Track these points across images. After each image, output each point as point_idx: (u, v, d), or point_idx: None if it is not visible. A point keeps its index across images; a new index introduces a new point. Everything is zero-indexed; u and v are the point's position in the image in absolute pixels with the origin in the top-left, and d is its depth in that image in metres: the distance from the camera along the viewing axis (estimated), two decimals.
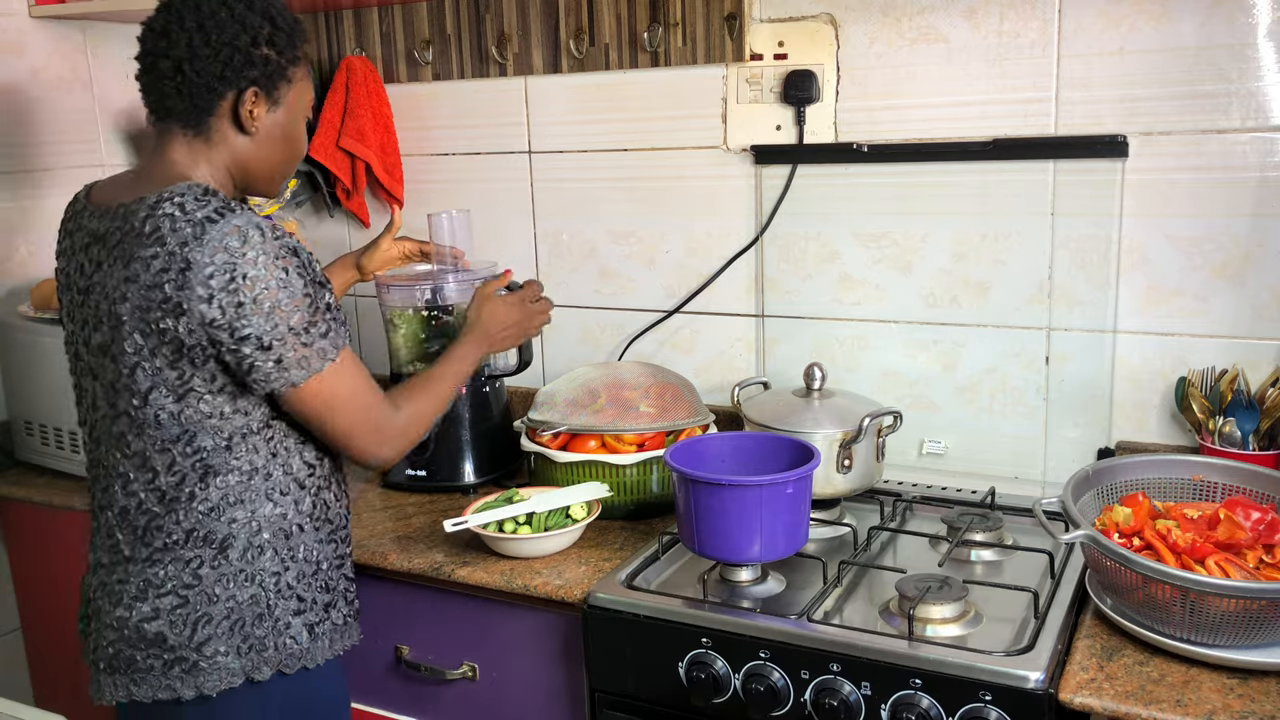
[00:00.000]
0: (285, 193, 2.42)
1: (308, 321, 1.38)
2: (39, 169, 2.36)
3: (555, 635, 1.70)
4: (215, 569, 1.44)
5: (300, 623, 1.49)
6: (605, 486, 1.83)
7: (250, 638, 1.45)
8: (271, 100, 1.47)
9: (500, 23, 2.24)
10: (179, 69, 1.41)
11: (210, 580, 1.44)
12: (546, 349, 2.36)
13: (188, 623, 1.43)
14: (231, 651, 1.44)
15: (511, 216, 2.33)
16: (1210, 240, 1.76)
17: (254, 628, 1.45)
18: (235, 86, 1.43)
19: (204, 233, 1.34)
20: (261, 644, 1.46)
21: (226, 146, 1.47)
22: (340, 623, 1.55)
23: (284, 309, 1.36)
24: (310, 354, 1.39)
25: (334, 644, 1.54)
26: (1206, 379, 1.77)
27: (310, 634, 1.50)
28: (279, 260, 1.36)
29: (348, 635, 1.57)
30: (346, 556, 1.59)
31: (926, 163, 1.92)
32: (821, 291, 2.05)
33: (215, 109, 1.44)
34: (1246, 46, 1.69)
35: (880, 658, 1.41)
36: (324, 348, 1.40)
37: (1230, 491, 1.58)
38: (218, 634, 1.44)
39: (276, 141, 1.50)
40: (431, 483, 2.07)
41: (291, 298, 1.37)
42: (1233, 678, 1.33)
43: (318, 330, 1.40)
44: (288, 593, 1.48)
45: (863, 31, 1.93)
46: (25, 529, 2.26)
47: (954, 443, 2.00)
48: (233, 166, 1.49)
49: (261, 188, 1.55)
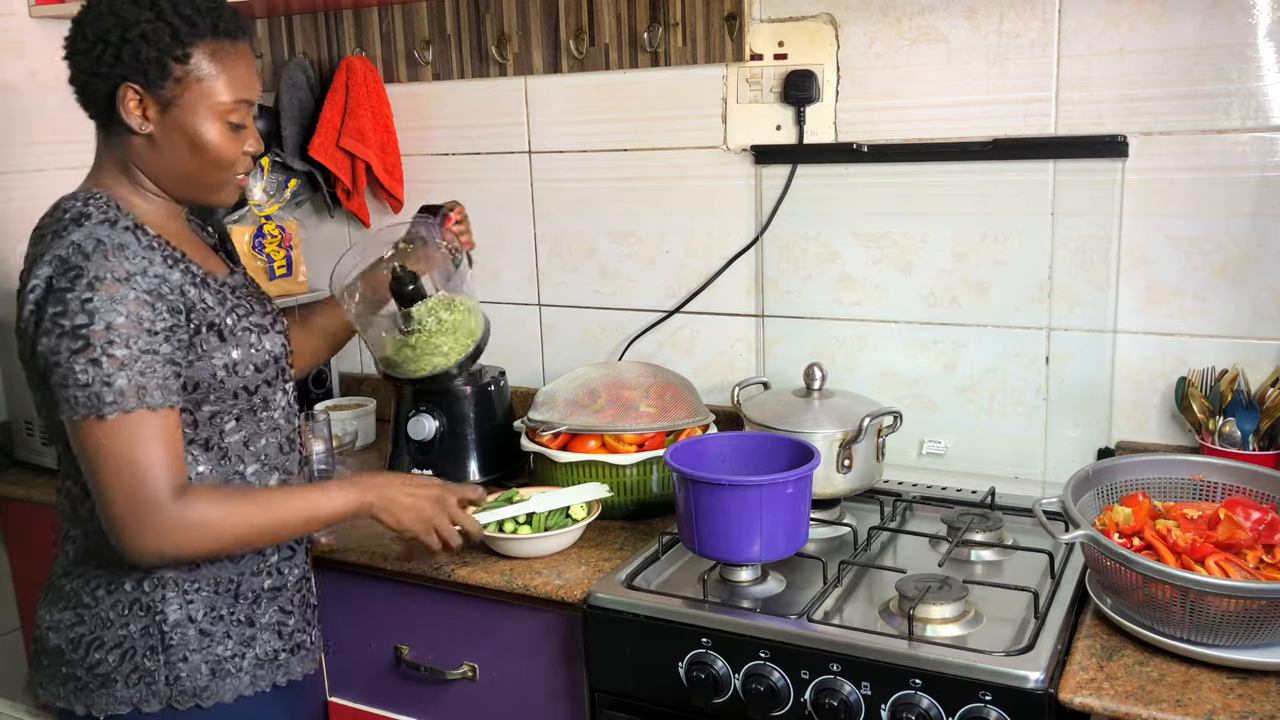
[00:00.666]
0: (285, 193, 2.42)
1: (93, 357, 1.25)
2: (39, 169, 2.36)
3: (555, 635, 1.70)
4: (111, 594, 1.39)
5: (200, 659, 1.40)
6: (605, 487, 1.83)
7: (140, 669, 1.38)
8: (160, 100, 1.35)
9: (500, 23, 2.24)
10: (70, 65, 1.37)
11: (105, 604, 1.39)
12: (546, 349, 2.36)
13: (81, 643, 1.39)
14: (121, 679, 1.38)
15: (511, 216, 2.32)
16: (1210, 240, 1.76)
17: (144, 659, 1.38)
18: (109, 83, 1.34)
19: (48, 248, 1.31)
20: (151, 676, 1.38)
21: (126, 148, 1.39)
22: (268, 657, 1.46)
23: (74, 335, 1.25)
24: (84, 395, 1.26)
25: (257, 680, 1.45)
26: (1206, 379, 1.77)
27: (213, 672, 1.41)
28: (99, 286, 1.26)
29: (281, 670, 1.48)
30: (287, 588, 1.51)
31: (926, 163, 1.92)
32: (821, 291, 2.05)
33: (103, 107, 1.36)
34: (1246, 46, 1.69)
35: (880, 658, 1.41)
36: (100, 394, 1.25)
37: (1230, 491, 1.58)
38: (109, 660, 1.38)
39: (178, 146, 1.37)
40: None
41: (91, 327, 1.25)
42: (1233, 678, 1.33)
43: (101, 373, 1.25)
44: (188, 626, 1.39)
45: (863, 31, 1.93)
46: (25, 529, 2.27)
47: (954, 443, 2.00)
48: (140, 169, 1.40)
49: (185, 194, 1.43)
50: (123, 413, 1.26)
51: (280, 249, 2.46)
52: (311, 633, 1.57)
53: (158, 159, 1.39)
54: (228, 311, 1.41)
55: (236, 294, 1.46)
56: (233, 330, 1.40)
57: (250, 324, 1.44)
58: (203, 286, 1.39)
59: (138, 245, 1.33)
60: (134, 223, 1.36)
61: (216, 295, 1.41)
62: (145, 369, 1.28)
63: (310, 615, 1.58)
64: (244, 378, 1.42)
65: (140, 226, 1.36)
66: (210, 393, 1.39)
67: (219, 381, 1.39)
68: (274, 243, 2.45)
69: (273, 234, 2.44)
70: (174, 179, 1.40)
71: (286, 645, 1.50)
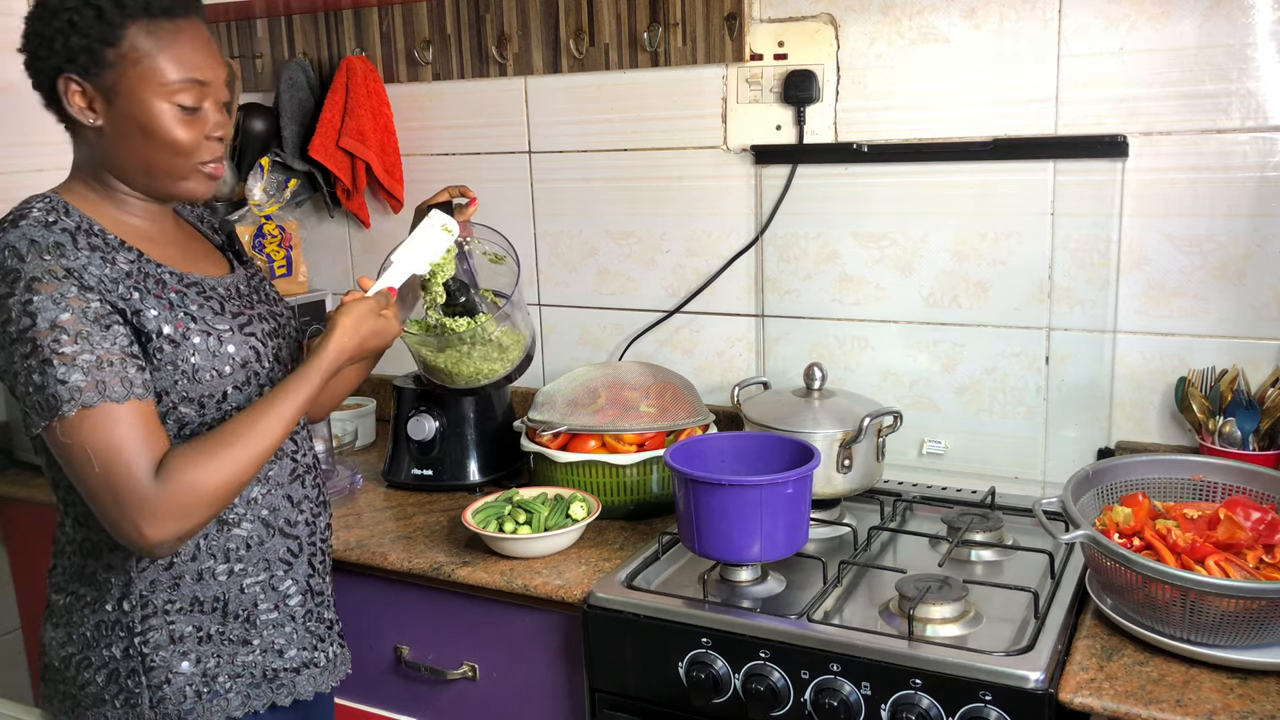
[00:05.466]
0: (285, 193, 2.42)
1: (43, 358, 1.20)
2: (39, 169, 2.36)
3: (555, 635, 1.70)
4: (94, 614, 1.36)
5: (183, 681, 1.36)
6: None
7: (124, 690, 1.35)
8: (102, 89, 1.27)
9: (500, 23, 2.24)
10: (25, 67, 1.32)
11: (89, 625, 1.36)
12: (546, 349, 2.36)
13: (71, 662, 1.37)
14: (109, 699, 1.36)
15: (511, 216, 2.32)
16: (1210, 240, 1.76)
17: (128, 680, 1.35)
18: (49, 76, 1.28)
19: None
20: (136, 699, 1.35)
21: (86, 145, 1.33)
22: (265, 676, 1.42)
23: (21, 340, 1.21)
24: (41, 399, 1.21)
25: (250, 700, 1.40)
26: (1206, 379, 1.77)
27: (199, 693, 1.36)
28: (37, 286, 1.21)
29: (284, 690, 1.44)
30: (286, 604, 1.45)
31: (926, 163, 1.92)
32: (821, 291, 2.05)
33: (54, 103, 1.31)
34: (1246, 46, 1.69)
35: (880, 658, 1.41)
36: (57, 393, 1.20)
37: (1230, 491, 1.58)
38: (96, 680, 1.36)
39: (131, 135, 1.29)
40: (437, 481, 2.07)
41: (35, 328, 1.20)
42: (1233, 678, 1.33)
43: (55, 373, 1.20)
44: (170, 648, 1.35)
45: (863, 31, 1.93)
46: (25, 529, 2.27)
47: (954, 443, 2.00)
48: (103, 167, 1.34)
49: (150, 188, 1.35)
50: (83, 408, 1.20)
51: (280, 249, 2.46)
52: (328, 649, 1.50)
53: (114, 152, 1.31)
54: (181, 314, 1.33)
55: (211, 295, 1.38)
56: (186, 335, 1.32)
57: (209, 326, 1.35)
58: (150, 291, 1.31)
59: (73, 246, 1.26)
60: (78, 225, 1.29)
61: (175, 295, 1.33)
62: (100, 362, 1.22)
63: (325, 631, 1.51)
64: (207, 385, 1.34)
65: (86, 229, 1.29)
66: (178, 403, 1.33)
67: (181, 391, 1.32)
68: (274, 242, 2.45)
69: (273, 234, 2.44)
70: (134, 172, 1.33)
71: (290, 664, 1.44)
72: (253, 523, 1.41)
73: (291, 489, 1.46)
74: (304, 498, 1.48)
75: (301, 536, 1.47)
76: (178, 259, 1.39)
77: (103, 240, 1.30)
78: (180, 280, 1.36)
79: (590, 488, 1.87)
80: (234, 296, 1.43)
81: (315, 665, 1.48)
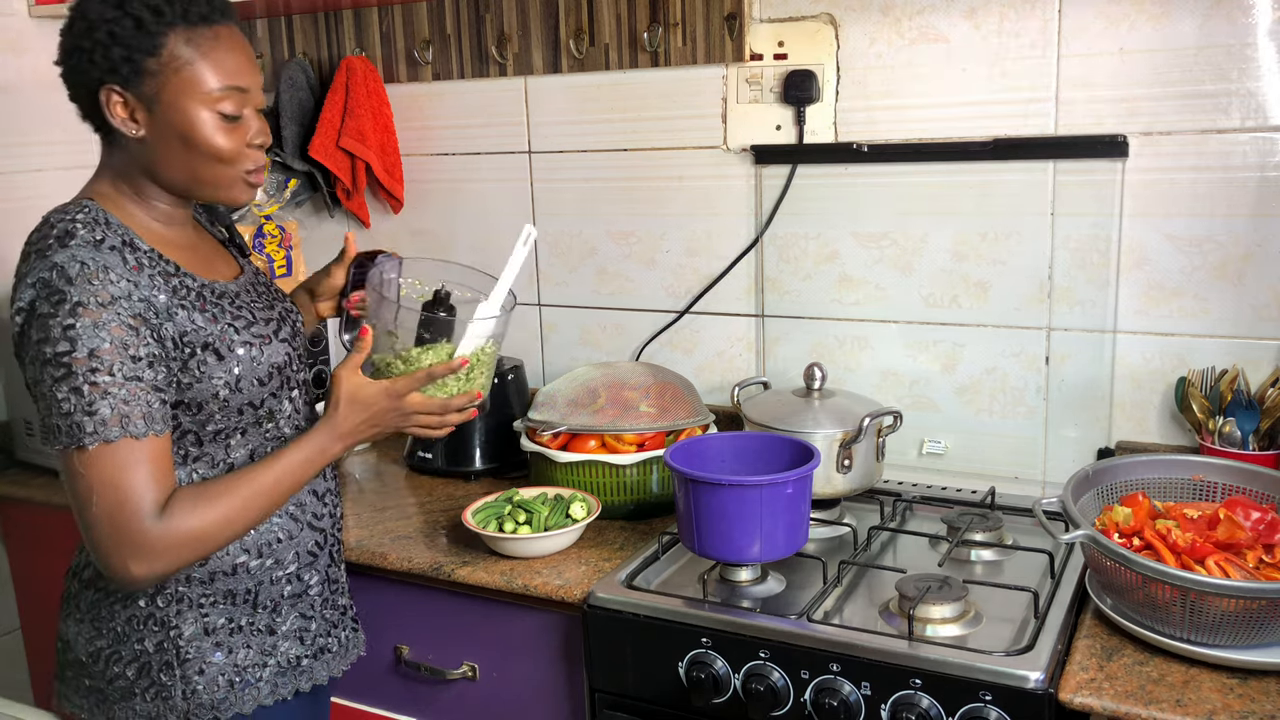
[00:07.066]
0: (285, 193, 2.42)
1: (75, 385, 1.22)
2: (39, 169, 2.36)
3: (555, 635, 1.70)
4: (126, 609, 1.37)
5: (216, 671, 1.38)
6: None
7: (156, 683, 1.36)
8: (144, 99, 1.29)
9: (500, 23, 2.24)
10: (62, 79, 1.34)
11: (121, 619, 1.37)
12: (546, 349, 2.36)
13: (100, 656, 1.38)
14: (139, 693, 1.37)
15: (511, 216, 2.32)
16: (1210, 240, 1.76)
17: (160, 674, 1.36)
18: (91, 89, 1.30)
19: (31, 268, 1.27)
20: (168, 691, 1.36)
21: (125, 152, 1.34)
22: (290, 664, 1.44)
23: (56, 363, 1.22)
24: (65, 425, 1.22)
25: (278, 688, 1.43)
26: (1206, 379, 1.77)
27: (231, 684, 1.39)
28: (81, 312, 1.22)
29: (305, 676, 1.46)
30: (309, 593, 1.48)
31: (926, 163, 1.92)
32: (821, 291, 2.05)
33: (96, 116, 1.32)
34: (1246, 46, 1.69)
35: (880, 658, 1.41)
36: (81, 423, 1.21)
37: (1230, 491, 1.58)
38: (127, 674, 1.37)
39: (173, 145, 1.31)
40: (440, 465, 2.10)
41: (74, 354, 1.22)
42: (1233, 678, 1.33)
43: (84, 401, 1.21)
44: (203, 640, 1.38)
45: (863, 31, 1.93)
46: (25, 529, 2.26)
47: (954, 443, 2.00)
48: (144, 175, 1.35)
49: (195, 195, 1.38)
50: (104, 443, 1.22)
51: (280, 249, 2.46)
52: (340, 635, 1.54)
53: (157, 162, 1.33)
54: (224, 327, 1.35)
55: (238, 302, 1.40)
56: (231, 347, 1.35)
57: (251, 336, 1.38)
58: (195, 306, 1.33)
59: (123, 266, 1.27)
60: (123, 239, 1.30)
61: (214, 308, 1.36)
62: (129, 396, 1.23)
63: (338, 618, 1.54)
64: (248, 393, 1.38)
65: (130, 243, 1.31)
66: (216, 412, 1.35)
67: (223, 401, 1.35)
68: (274, 242, 2.45)
69: (273, 234, 2.44)
70: (179, 181, 1.35)
71: (309, 650, 1.48)
72: (282, 518, 1.44)
73: (315, 482, 1.49)
74: (326, 490, 1.52)
75: (326, 529, 1.51)
76: (200, 265, 1.41)
77: (147, 258, 1.32)
78: (213, 291, 1.38)
79: (590, 488, 1.87)
80: (255, 300, 1.45)
81: (329, 651, 1.52)
